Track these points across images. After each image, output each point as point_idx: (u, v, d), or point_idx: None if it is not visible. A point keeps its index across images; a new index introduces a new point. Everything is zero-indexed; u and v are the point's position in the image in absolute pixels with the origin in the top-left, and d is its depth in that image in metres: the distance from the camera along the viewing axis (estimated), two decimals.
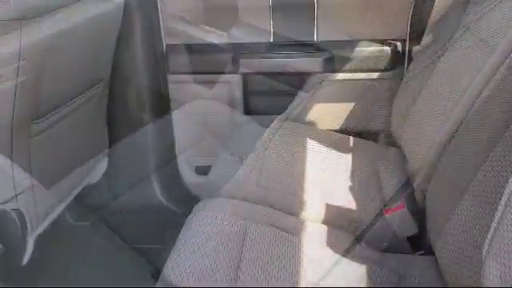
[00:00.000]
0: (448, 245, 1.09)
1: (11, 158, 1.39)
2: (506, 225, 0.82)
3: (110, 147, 2.09)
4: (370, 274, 1.17)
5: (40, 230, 1.59)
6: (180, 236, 1.26)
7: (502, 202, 0.86)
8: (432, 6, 1.76)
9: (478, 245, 0.92)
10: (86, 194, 2.05)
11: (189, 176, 2.25)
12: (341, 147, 1.80)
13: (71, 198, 1.84)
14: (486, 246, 0.85)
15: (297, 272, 1.14)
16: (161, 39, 2.05)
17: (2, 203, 1.42)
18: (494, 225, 0.85)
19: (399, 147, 1.75)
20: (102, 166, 2.08)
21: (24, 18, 1.28)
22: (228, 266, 1.12)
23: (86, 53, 1.68)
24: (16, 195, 1.44)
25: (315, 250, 1.21)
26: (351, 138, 1.89)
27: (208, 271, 1.10)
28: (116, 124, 2.09)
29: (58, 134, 1.60)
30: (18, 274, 1.52)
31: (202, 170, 2.19)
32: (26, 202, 1.47)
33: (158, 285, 1.13)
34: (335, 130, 1.99)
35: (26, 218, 1.48)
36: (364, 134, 1.97)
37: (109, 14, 1.74)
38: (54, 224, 1.71)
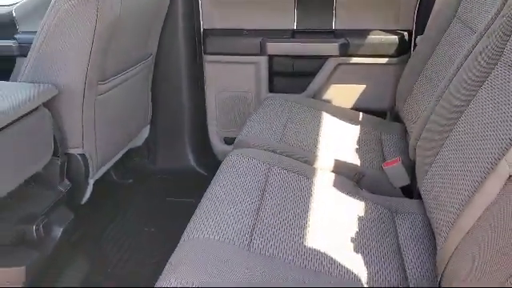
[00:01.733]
0: (430, 187, 1.38)
1: (82, 112, 1.72)
2: None
3: (152, 116, 2.41)
4: (368, 211, 1.47)
5: (98, 174, 1.92)
6: (211, 182, 1.52)
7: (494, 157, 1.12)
8: (434, 1, 2.06)
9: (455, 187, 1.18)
10: (130, 155, 2.38)
11: (218, 145, 2.57)
12: (351, 120, 2.10)
13: (120, 155, 2.17)
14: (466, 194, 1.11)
15: (309, 207, 1.43)
16: (199, 24, 2.37)
17: (72, 148, 1.76)
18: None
19: (403, 123, 2.05)
20: (145, 131, 2.40)
21: None
22: (253, 198, 1.41)
23: (142, 30, 2.01)
24: (83, 143, 1.77)
25: (324, 190, 1.51)
26: (361, 113, 2.19)
27: (236, 201, 1.39)
28: (158, 96, 2.41)
29: (115, 97, 1.93)
30: (76, 211, 1.83)
31: (230, 141, 2.50)
32: (89, 149, 1.80)
33: (187, 229, 1.24)
34: (348, 107, 2.29)
35: (89, 163, 1.81)
36: (373, 111, 2.26)
37: None
38: (101, 179, 2.02)
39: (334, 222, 1.38)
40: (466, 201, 1.05)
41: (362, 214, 1.45)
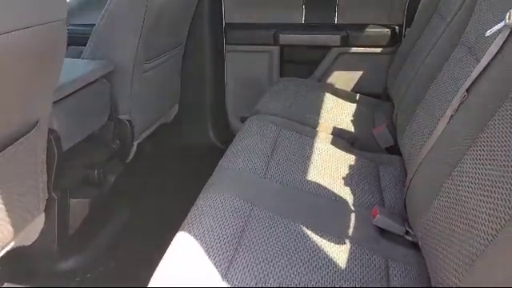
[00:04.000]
0: (406, 142, 1.78)
1: (131, 85, 2.14)
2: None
3: (182, 95, 2.83)
4: (357, 161, 1.87)
5: (140, 139, 2.34)
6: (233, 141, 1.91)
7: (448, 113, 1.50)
8: None
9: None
10: (160, 130, 2.79)
11: (235, 124, 2.98)
12: (349, 99, 2.50)
13: (155, 127, 2.58)
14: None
15: (311, 158, 1.83)
16: (222, 18, 2.79)
17: (122, 114, 2.17)
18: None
19: (393, 103, 2.45)
20: (175, 109, 2.82)
21: None
22: (264, 154, 1.81)
23: (176, 21, 2.43)
24: (130, 111, 2.19)
25: (324, 147, 1.92)
26: (358, 94, 2.59)
27: (249, 154, 1.77)
28: (186, 79, 2.83)
29: (155, 76, 2.35)
30: (123, 169, 2.24)
31: (245, 120, 2.90)
32: (135, 117, 2.22)
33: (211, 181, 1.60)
34: (347, 89, 2.70)
35: (135, 128, 2.23)
36: (368, 93, 2.66)
37: None
38: (138, 148, 2.43)
39: (330, 169, 1.78)
40: (429, 134, 1.44)
41: (352, 163, 1.85)
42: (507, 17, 1.17)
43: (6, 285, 1.81)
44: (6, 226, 1.47)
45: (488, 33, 1.24)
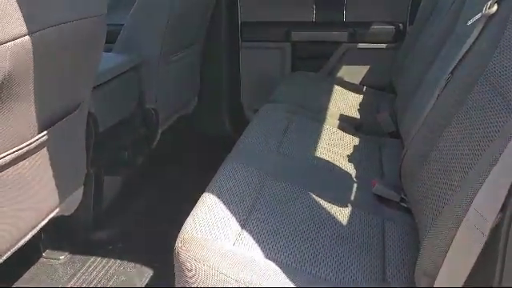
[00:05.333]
0: (406, 127, 1.97)
1: (157, 77, 2.37)
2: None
3: (200, 89, 3.05)
4: (361, 143, 2.06)
5: (164, 126, 2.57)
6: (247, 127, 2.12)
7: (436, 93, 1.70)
8: None
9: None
10: (180, 121, 3.02)
11: (250, 115, 3.18)
12: (356, 91, 2.70)
13: (175, 117, 2.80)
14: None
15: (319, 139, 2.03)
16: (238, 17, 3.02)
17: (148, 103, 2.40)
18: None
19: (396, 94, 2.65)
20: (194, 102, 3.04)
21: None
22: (278, 134, 2.01)
23: (198, 18, 2.66)
24: (156, 100, 2.42)
25: (332, 131, 2.12)
26: (365, 87, 2.80)
27: (264, 134, 1.98)
28: (204, 74, 3.05)
29: (178, 69, 2.58)
30: (146, 155, 2.47)
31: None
32: (160, 106, 2.45)
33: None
34: (355, 82, 2.90)
35: (159, 116, 2.46)
36: (374, 86, 2.85)
37: None
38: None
39: (336, 148, 1.98)
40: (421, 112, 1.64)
41: (356, 144, 2.05)
42: (485, 7, 1.37)
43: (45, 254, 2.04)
44: (52, 195, 1.69)
45: (469, 22, 1.43)
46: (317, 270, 1.23)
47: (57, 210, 1.75)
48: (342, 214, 1.50)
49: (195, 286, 1.15)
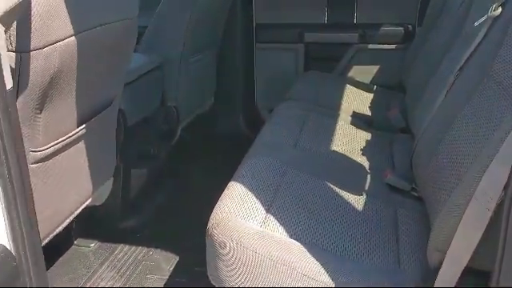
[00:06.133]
0: (415, 116, 2.09)
1: (178, 76, 2.50)
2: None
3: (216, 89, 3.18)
4: (373, 138, 2.18)
5: (184, 123, 2.70)
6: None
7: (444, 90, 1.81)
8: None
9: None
10: (198, 120, 3.14)
11: (265, 115, 3.30)
12: (367, 90, 2.82)
13: (193, 116, 2.93)
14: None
15: (334, 133, 2.14)
16: (253, 19, 3.15)
17: (170, 101, 2.53)
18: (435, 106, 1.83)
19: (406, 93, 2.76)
20: (210, 101, 3.17)
21: None
22: (295, 130, 2.13)
23: (215, 21, 2.79)
24: (177, 99, 2.55)
25: (345, 126, 2.24)
26: (375, 86, 2.91)
27: (282, 129, 2.10)
28: (220, 75, 3.18)
29: (196, 69, 2.71)
30: (168, 151, 2.60)
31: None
32: (180, 104, 2.58)
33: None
34: (366, 82, 3.02)
35: (180, 114, 2.58)
36: (384, 85, 2.97)
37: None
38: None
39: (350, 143, 2.10)
40: (430, 108, 1.75)
41: (369, 139, 2.17)
42: (490, 10, 1.49)
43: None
44: (87, 185, 1.82)
45: (476, 23, 1.55)
46: (336, 250, 1.35)
47: (90, 199, 1.88)
48: (357, 201, 1.62)
49: (231, 264, 1.27)
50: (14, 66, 1.22)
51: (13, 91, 1.10)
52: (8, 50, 1.20)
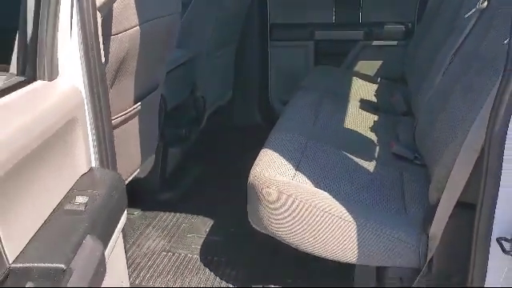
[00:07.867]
0: (417, 99, 2.40)
1: (204, 69, 2.81)
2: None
3: (234, 83, 3.50)
4: (379, 120, 2.49)
5: (208, 112, 3.01)
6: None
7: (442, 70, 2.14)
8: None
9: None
10: (216, 111, 3.45)
11: (278, 106, 3.62)
12: (372, 82, 3.14)
13: (216, 106, 3.24)
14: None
15: (345, 116, 2.46)
16: (267, 19, 3.47)
17: (198, 91, 2.84)
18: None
19: (407, 84, 3.08)
20: (229, 94, 3.48)
21: None
22: (312, 112, 2.45)
23: (235, 21, 3.12)
24: (204, 89, 2.86)
25: (354, 110, 2.55)
26: (379, 78, 3.24)
27: (301, 111, 2.42)
28: (237, 70, 3.50)
29: (218, 64, 3.03)
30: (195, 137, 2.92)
31: (286, 103, 3.56)
32: (206, 94, 2.89)
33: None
34: (370, 74, 3.34)
35: (206, 102, 2.90)
36: (387, 78, 3.29)
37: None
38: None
39: (360, 122, 2.41)
40: (429, 88, 2.07)
41: (376, 120, 2.49)
42: (478, 4, 1.81)
43: None
44: (136, 157, 2.13)
45: (466, 15, 1.88)
46: (353, 202, 1.66)
47: (138, 170, 2.19)
48: (369, 166, 1.94)
49: (274, 208, 1.58)
50: None
51: (103, 66, 1.41)
52: None
